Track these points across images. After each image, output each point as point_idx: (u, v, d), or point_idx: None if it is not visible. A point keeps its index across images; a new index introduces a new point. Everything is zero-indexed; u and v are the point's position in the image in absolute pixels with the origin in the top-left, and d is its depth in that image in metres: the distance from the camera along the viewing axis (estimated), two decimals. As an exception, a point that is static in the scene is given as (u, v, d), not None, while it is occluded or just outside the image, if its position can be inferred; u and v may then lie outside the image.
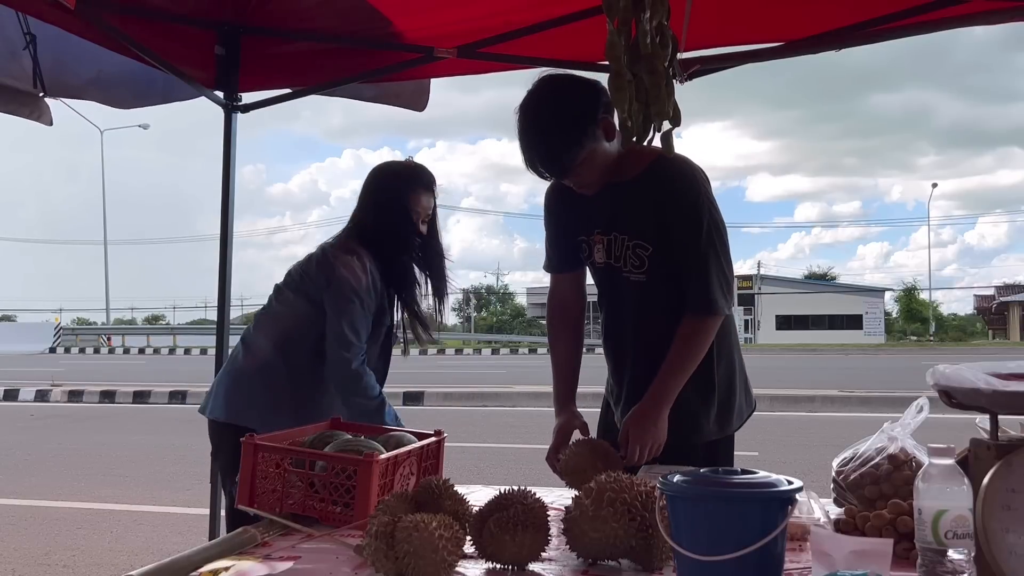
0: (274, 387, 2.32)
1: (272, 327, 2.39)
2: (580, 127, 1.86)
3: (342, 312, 2.25)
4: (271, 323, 2.40)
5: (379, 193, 2.39)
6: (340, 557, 1.44)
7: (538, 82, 1.94)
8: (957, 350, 29.98)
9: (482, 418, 10.23)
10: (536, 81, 1.94)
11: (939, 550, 1.07)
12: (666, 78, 1.61)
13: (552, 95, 1.91)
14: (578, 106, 1.88)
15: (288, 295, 2.39)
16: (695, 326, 1.95)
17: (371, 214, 2.38)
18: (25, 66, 2.77)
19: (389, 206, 2.36)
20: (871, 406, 10.39)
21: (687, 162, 1.99)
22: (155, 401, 12.55)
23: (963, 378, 1.22)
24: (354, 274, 2.27)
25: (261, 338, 2.39)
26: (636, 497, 1.34)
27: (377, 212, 2.37)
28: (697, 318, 1.95)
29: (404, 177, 2.39)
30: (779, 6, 2.52)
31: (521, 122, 1.90)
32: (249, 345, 2.40)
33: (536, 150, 1.89)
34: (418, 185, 2.37)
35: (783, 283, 50.13)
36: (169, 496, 5.94)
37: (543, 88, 1.92)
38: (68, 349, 31.67)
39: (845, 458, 1.63)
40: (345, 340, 2.24)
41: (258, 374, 2.34)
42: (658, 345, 1.97)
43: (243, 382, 2.36)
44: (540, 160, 1.89)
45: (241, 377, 2.37)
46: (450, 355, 30.90)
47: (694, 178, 1.96)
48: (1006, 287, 50.11)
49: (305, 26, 2.88)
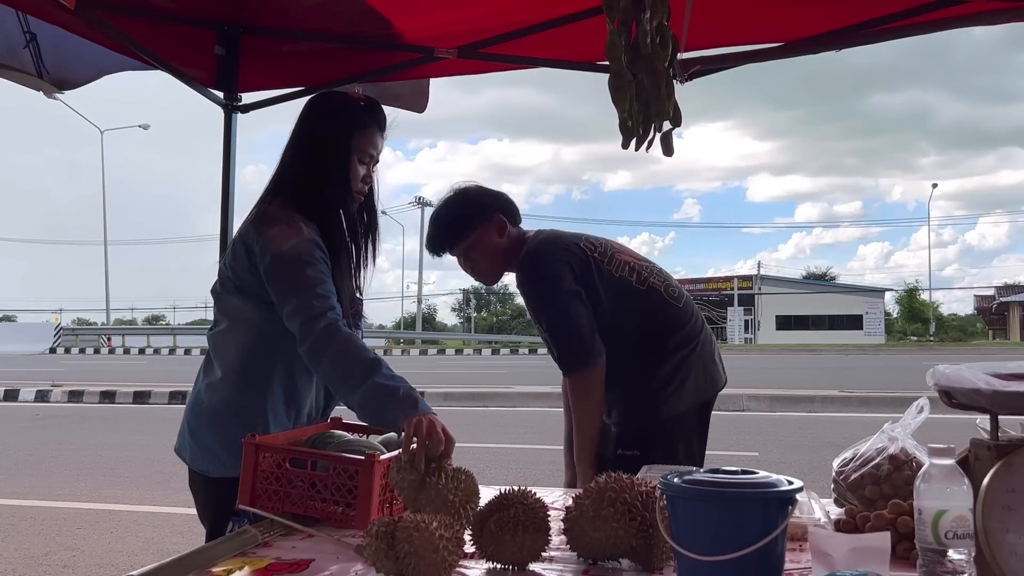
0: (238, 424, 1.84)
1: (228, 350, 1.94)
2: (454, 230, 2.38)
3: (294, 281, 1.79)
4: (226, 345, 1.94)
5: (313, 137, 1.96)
6: (341, 557, 1.44)
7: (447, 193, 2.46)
8: (957, 350, 29.98)
9: (482, 418, 10.23)
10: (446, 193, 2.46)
11: (939, 550, 1.07)
12: (666, 78, 1.61)
13: (445, 201, 2.43)
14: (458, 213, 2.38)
15: (235, 302, 1.93)
16: (574, 384, 2.30)
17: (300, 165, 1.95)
18: (26, 64, 2.77)
19: (324, 155, 1.93)
20: (871, 406, 10.40)
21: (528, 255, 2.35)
22: (155, 401, 12.56)
23: (963, 378, 1.22)
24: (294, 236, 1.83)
25: (218, 366, 1.95)
26: (636, 497, 1.34)
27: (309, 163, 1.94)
28: (571, 379, 2.30)
29: (347, 114, 1.96)
30: (779, 6, 2.52)
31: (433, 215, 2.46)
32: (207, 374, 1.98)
33: (430, 232, 2.44)
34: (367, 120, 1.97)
35: (783, 283, 50.14)
36: (169, 496, 5.93)
37: (447, 197, 2.44)
38: (68, 349, 31.69)
39: (845, 458, 1.63)
40: (310, 306, 1.75)
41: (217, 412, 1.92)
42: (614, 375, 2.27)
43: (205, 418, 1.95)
44: (426, 243, 2.47)
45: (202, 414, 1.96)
46: (450, 355, 30.91)
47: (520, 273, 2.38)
48: (1006, 287, 50.15)
49: (305, 26, 2.88)
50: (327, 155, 1.94)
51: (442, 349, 34.52)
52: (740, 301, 44.89)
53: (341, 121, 1.96)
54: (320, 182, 1.93)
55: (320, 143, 1.95)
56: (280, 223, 1.86)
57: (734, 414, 10.06)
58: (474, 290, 55.25)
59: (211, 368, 1.98)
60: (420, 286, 46.15)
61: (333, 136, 1.95)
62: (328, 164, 1.94)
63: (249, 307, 1.90)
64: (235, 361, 1.93)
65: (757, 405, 10.79)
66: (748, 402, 10.79)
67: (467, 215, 2.37)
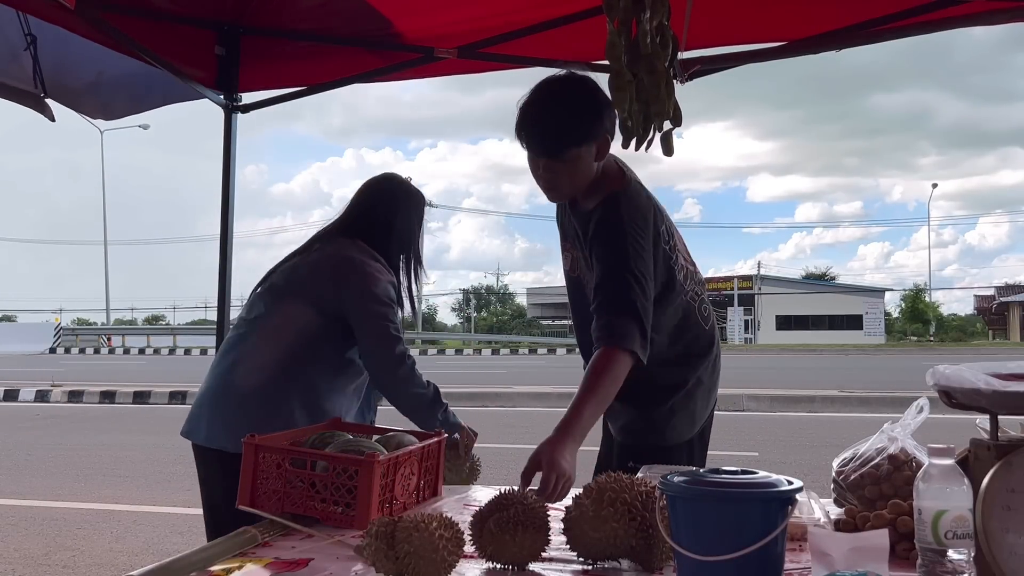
0: (280, 412, 2.05)
1: (273, 343, 2.13)
2: (589, 122, 1.87)
3: (381, 315, 2.11)
4: (272, 338, 2.14)
5: (400, 216, 2.32)
6: (341, 557, 1.44)
7: (567, 72, 1.95)
8: (957, 350, 29.98)
9: (482, 418, 10.23)
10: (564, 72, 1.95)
11: (939, 550, 1.07)
12: (666, 78, 1.62)
13: (582, 82, 1.92)
14: (597, 106, 1.88)
15: (292, 304, 2.16)
16: (603, 358, 1.83)
17: (388, 230, 2.29)
18: (25, 67, 2.77)
19: (409, 232, 2.33)
20: (871, 406, 10.40)
21: (627, 198, 1.93)
22: (155, 401, 12.56)
23: (963, 378, 1.22)
24: (385, 280, 2.18)
25: (258, 355, 2.13)
26: (636, 497, 1.34)
27: (395, 232, 2.30)
28: (607, 349, 1.84)
29: (416, 203, 2.37)
30: (779, 6, 2.52)
31: (541, 91, 1.90)
32: (242, 362, 2.14)
33: (542, 121, 1.88)
34: (423, 212, 2.39)
35: (783, 283, 50.14)
36: (169, 496, 5.94)
37: (574, 76, 1.93)
38: (68, 349, 31.69)
39: (845, 458, 1.63)
40: (391, 337, 2.11)
41: (252, 395, 2.08)
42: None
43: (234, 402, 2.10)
44: (541, 131, 1.89)
45: (232, 397, 2.11)
46: (450, 355, 30.90)
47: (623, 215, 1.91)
48: (1006, 287, 50.14)
49: (305, 26, 2.88)
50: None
51: (442, 349, 34.52)
52: (740, 301, 44.86)
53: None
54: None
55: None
56: (377, 262, 2.19)
57: (734, 414, 10.05)
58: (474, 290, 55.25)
59: (248, 353, 2.14)
60: (420, 286, 46.08)
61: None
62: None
63: (310, 315, 2.13)
64: (280, 355, 2.11)
65: (757, 405, 10.80)
66: (748, 402, 10.80)
67: (587, 123, 1.88)
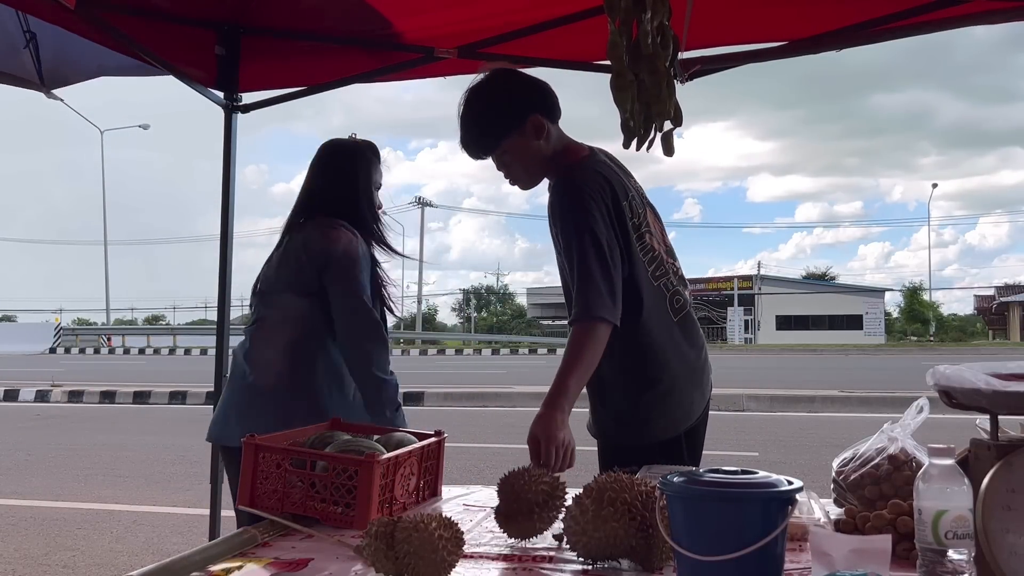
0: (293, 399, 2.21)
1: (279, 338, 2.27)
2: (502, 115, 2.04)
3: (352, 281, 2.20)
4: (276, 334, 2.28)
5: (341, 170, 2.37)
6: (341, 557, 1.44)
7: (478, 76, 2.10)
8: (957, 350, 29.99)
9: (482, 418, 10.23)
10: (483, 73, 2.11)
11: (939, 550, 1.07)
12: (667, 78, 1.61)
13: (486, 87, 2.07)
14: (507, 96, 2.06)
15: (286, 299, 2.29)
16: (576, 333, 1.91)
17: (339, 190, 2.35)
18: (26, 63, 2.77)
19: (355, 181, 2.35)
20: (871, 406, 10.40)
21: (568, 177, 2.02)
22: (155, 401, 12.56)
23: (963, 378, 1.22)
24: (351, 245, 2.23)
25: (270, 352, 2.27)
26: (636, 497, 1.34)
27: (345, 187, 2.34)
28: (578, 325, 1.92)
29: (363, 152, 2.40)
30: (780, 6, 2.52)
31: (460, 103, 2.09)
32: (257, 362, 2.28)
33: (462, 133, 2.08)
34: (375, 158, 2.41)
35: (783, 283, 50.13)
36: (169, 496, 5.94)
37: (482, 80, 2.09)
38: (68, 349, 31.69)
39: (845, 458, 1.63)
40: (363, 305, 2.20)
41: (274, 391, 2.23)
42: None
43: (259, 401, 2.23)
44: (462, 142, 2.08)
45: (256, 397, 2.24)
46: (450, 355, 30.91)
47: (563, 194, 2.01)
48: (1006, 287, 50.14)
49: (305, 26, 2.88)
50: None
51: (442, 349, 34.52)
52: (740, 301, 44.87)
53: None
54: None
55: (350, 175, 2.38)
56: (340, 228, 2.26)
57: (734, 414, 10.06)
58: (474, 290, 55.25)
59: (258, 354, 2.28)
60: (420, 286, 46.12)
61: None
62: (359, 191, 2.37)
63: (303, 304, 2.25)
64: (287, 345, 2.25)
65: (757, 405, 10.80)
66: (748, 402, 10.80)
67: (495, 121, 2.05)
